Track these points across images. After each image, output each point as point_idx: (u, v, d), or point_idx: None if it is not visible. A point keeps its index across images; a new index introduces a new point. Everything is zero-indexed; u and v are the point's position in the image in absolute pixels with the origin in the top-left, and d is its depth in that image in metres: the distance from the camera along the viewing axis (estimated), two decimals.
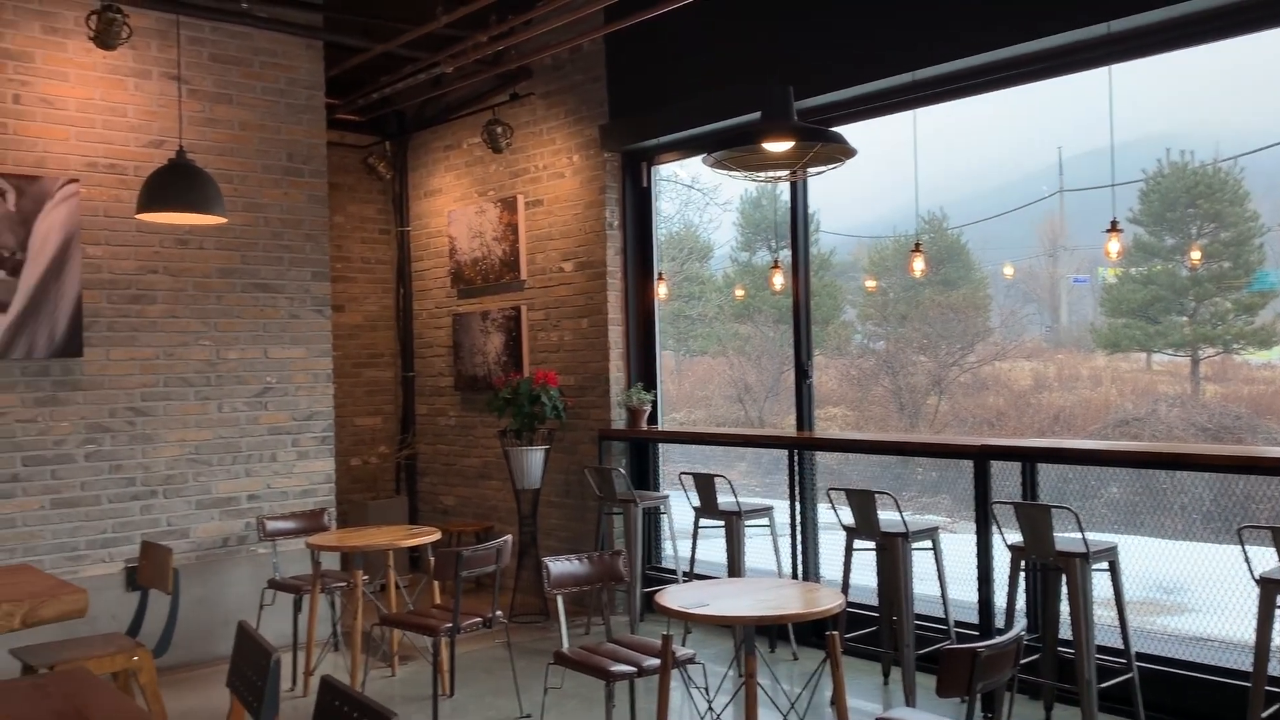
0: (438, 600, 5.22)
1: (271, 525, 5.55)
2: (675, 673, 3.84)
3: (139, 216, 4.62)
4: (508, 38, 6.09)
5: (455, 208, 7.76)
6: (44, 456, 5.27)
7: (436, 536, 5.32)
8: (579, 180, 6.74)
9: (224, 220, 4.73)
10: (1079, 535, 4.14)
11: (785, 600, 3.84)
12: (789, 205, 6.01)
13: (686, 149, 6.45)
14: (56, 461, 5.31)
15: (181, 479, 5.68)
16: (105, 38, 5.11)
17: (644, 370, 6.69)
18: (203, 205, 4.39)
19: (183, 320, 5.72)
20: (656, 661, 3.84)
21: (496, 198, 7.37)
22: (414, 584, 7.20)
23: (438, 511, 8.02)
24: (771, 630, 5.64)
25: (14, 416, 5.19)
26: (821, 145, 3.83)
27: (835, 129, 4.43)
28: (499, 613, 4.68)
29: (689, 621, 4.41)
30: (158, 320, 5.64)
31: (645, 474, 6.64)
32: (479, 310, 7.52)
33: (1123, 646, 4.23)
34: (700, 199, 7.56)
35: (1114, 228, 4.47)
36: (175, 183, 4.35)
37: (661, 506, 6.29)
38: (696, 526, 5.70)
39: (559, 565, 4.14)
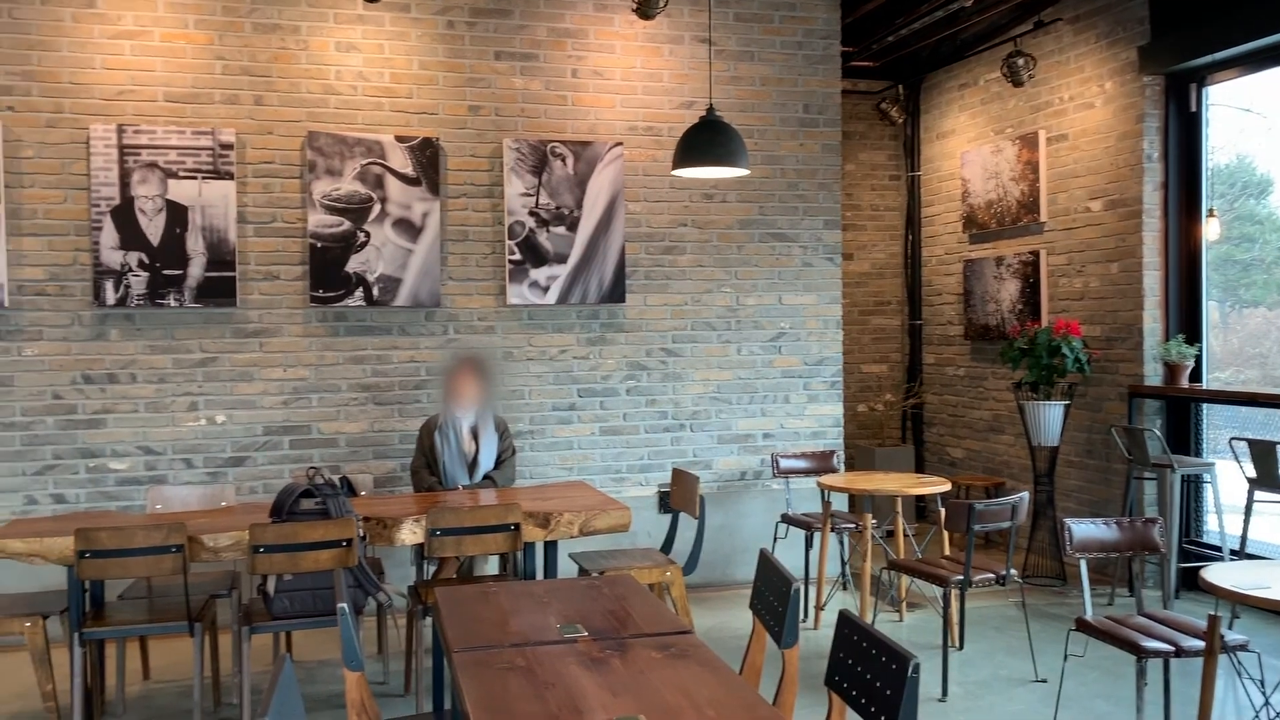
0: (947, 551, 5.12)
1: (785, 463, 5.81)
2: (1222, 659, 3.40)
3: (674, 172, 5.01)
4: None
5: (969, 149, 7.45)
6: (594, 389, 5.99)
7: (947, 487, 5.21)
8: (1111, 110, 6.12)
9: (747, 172, 4.98)
10: None
11: None
12: None
13: (1251, 64, 5.56)
14: (604, 394, 6.00)
15: (705, 415, 6.15)
16: (646, 8, 5.58)
17: (1185, 321, 5.95)
18: (730, 159, 4.65)
19: (708, 269, 6.15)
20: (1197, 643, 3.43)
21: (1015, 135, 6.95)
22: (919, 532, 7.16)
23: (945, 463, 7.87)
24: None
25: (572, 354, 5.95)
26: None
27: None
28: (1013, 571, 4.48)
29: (1238, 604, 3.88)
30: (686, 269, 6.12)
31: (1184, 437, 5.93)
32: (992, 255, 7.18)
33: None
34: (1260, 125, 6.51)
35: None
36: (707, 139, 4.65)
37: (1205, 474, 5.59)
38: (1250, 500, 4.98)
39: (1083, 528, 3.85)
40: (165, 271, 5.29)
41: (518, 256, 5.79)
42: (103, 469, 5.31)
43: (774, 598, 2.92)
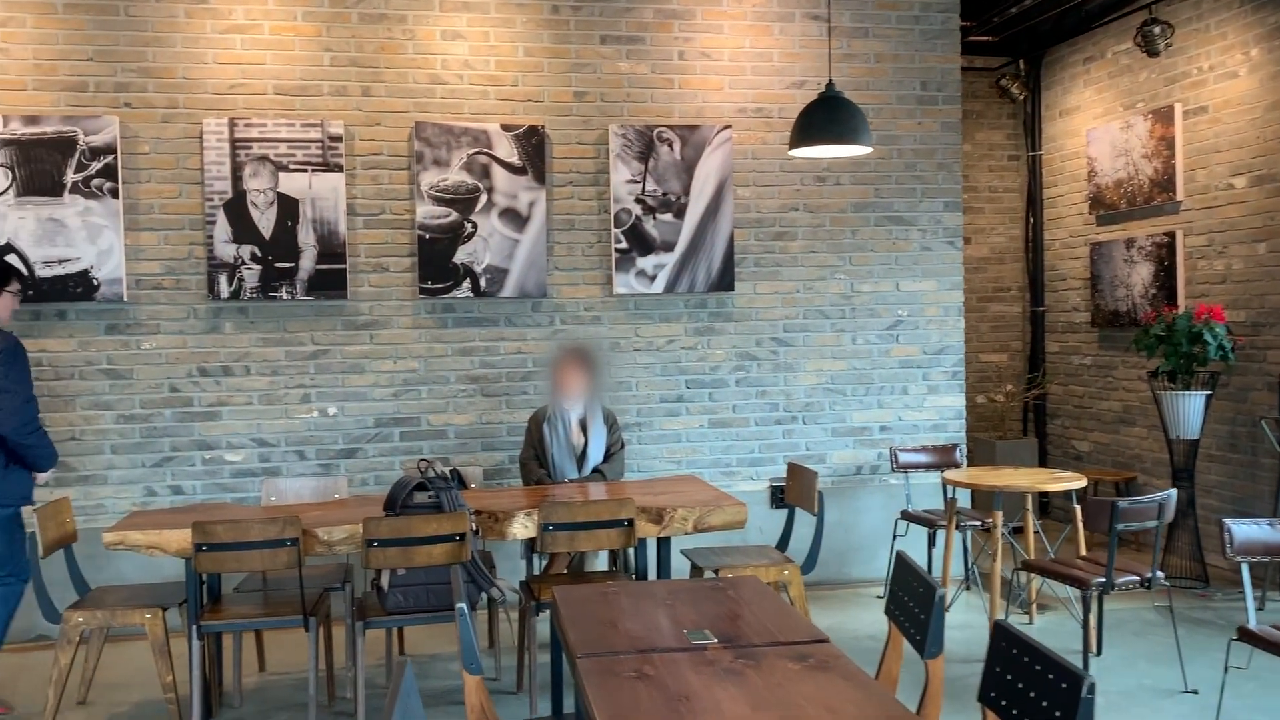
0: (1083, 551, 4.82)
1: (904, 457, 5.57)
2: None
3: (792, 153, 4.80)
4: None
5: (1095, 125, 7.05)
6: (702, 380, 5.82)
7: (1082, 483, 4.90)
8: (1258, 78, 5.69)
9: (870, 150, 4.74)
10: None
11: None
12: None
13: None
14: (712, 385, 5.84)
15: (819, 407, 5.93)
16: None
17: None
18: (853, 136, 4.43)
19: (820, 255, 5.92)
20: None
21: (1146, 109, 6.53)
22: (1045, 530, 6.81)
23: (1070, 456, 7.49)
24: None
25: (679, 344, 5.80)
26: None
27: None
28: (1159, 573, 4.17)
29: None
30: (798, 255, 5.90)
31: None
32: (1122, 237, 6.78)
33: None
34: None
35: None
36: (828, 116, 4.43)
37: None
38: None
39: (1245, 529, 3.54)
40: (277, 264, 5.31)
41: (624, 245, 5.66)
42: (218, 461, 5.36)
43: (915, 603, 2.72)
